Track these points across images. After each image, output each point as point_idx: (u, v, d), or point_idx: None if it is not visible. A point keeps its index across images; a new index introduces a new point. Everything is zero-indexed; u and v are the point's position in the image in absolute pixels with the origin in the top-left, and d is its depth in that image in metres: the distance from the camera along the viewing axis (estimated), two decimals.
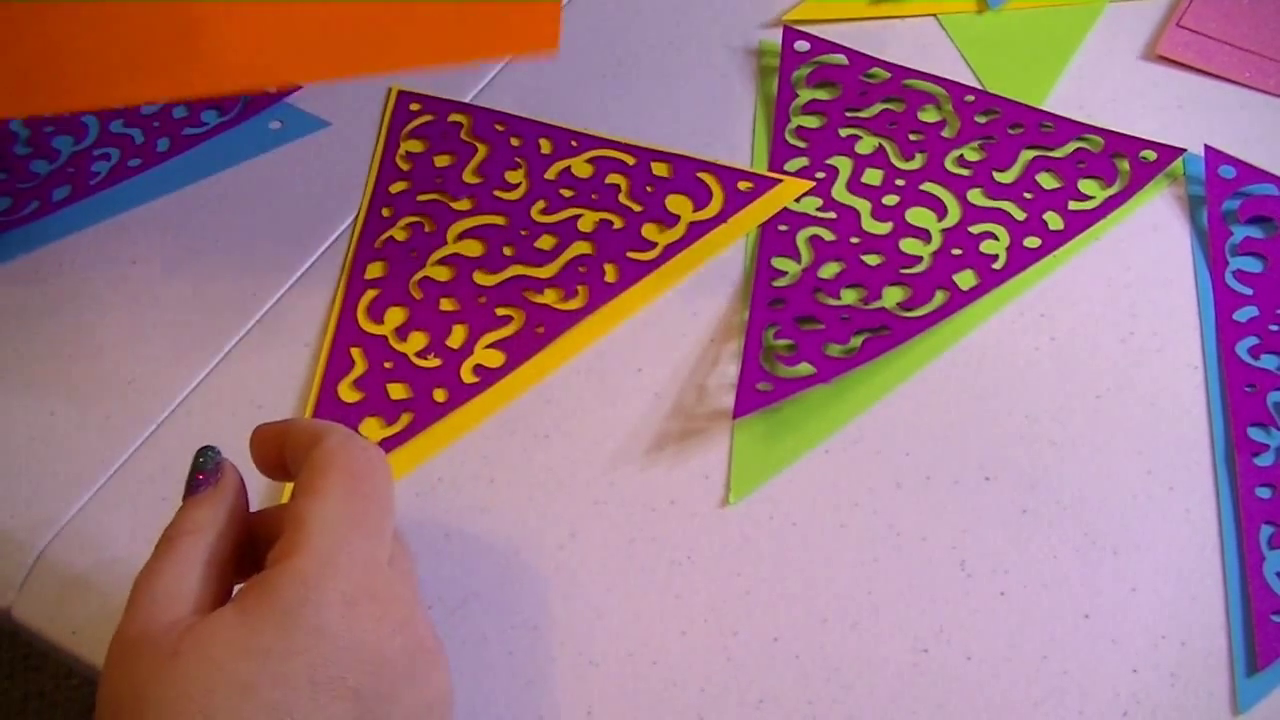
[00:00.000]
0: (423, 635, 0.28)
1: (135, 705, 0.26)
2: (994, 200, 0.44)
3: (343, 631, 0.27)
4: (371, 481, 0.29)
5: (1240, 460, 0.38)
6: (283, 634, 0.26)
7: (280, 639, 0.26)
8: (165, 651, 0.26)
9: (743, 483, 0.38)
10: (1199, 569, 0.36)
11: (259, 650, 0.26)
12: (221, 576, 0.30)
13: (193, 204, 0.47)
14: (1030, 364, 0.40)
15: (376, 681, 0.27)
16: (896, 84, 0.48)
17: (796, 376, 0.39)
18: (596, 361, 0.42)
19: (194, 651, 0.26)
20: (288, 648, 0.26)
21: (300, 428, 0.31)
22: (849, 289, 0.42)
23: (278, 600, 0.26)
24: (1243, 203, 0.44)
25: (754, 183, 0.45)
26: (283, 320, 0.44)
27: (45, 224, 0.47)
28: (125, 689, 0.26)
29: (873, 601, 0.36)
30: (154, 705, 0.25)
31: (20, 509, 0.39)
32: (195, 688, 0.25)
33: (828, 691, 0.34)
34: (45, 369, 0.43)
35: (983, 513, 0.37)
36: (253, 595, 0.27)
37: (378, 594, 0.28)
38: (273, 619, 0.26)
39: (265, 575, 0.27)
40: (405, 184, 0.47)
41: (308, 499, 0.28)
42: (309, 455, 0.30)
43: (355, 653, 0.27)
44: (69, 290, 0.45)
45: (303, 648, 0.26)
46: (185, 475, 0.31)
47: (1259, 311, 0.41)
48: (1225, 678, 0.34)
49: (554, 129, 0.48)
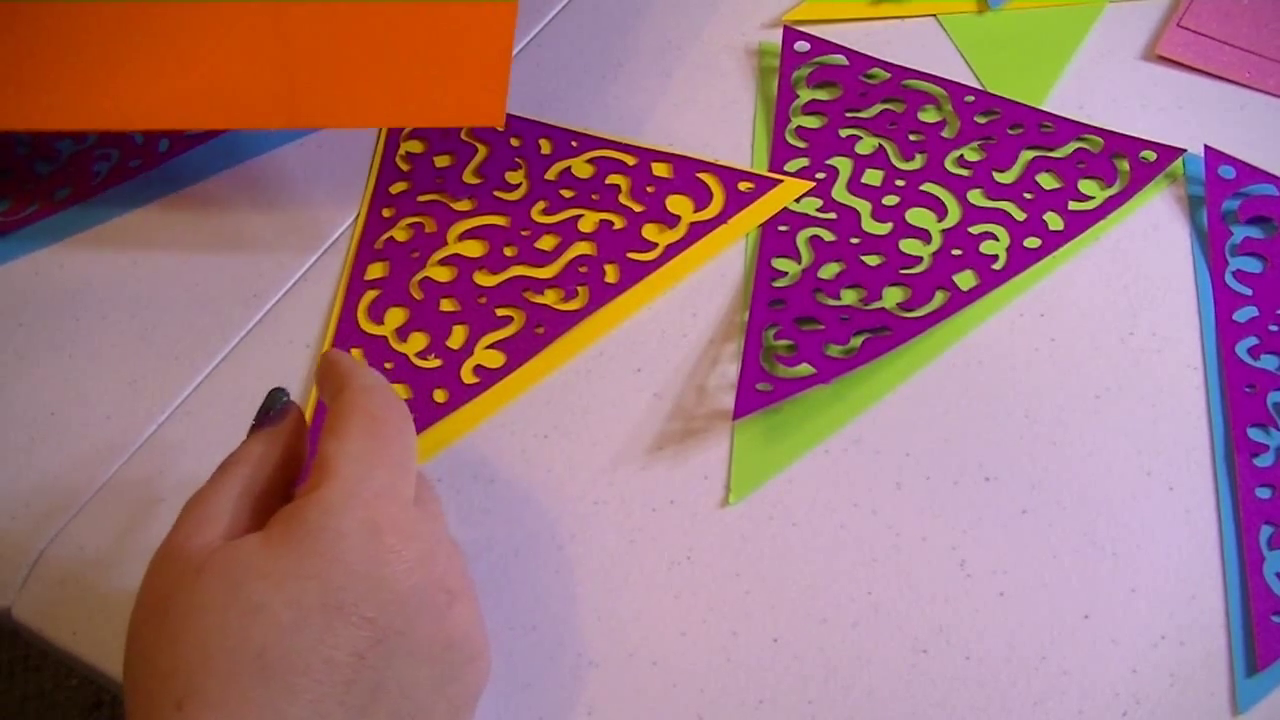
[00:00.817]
0: (443, 573, 0.29)
1: (158, 612, 0.28)
2: (994, 200, 0.44)
3: (358, 560, 0.27)
4: (393, 423, 0.31)
5: (1240, 460, 0.38)
6: (299, 558, 0.27)
7: (296, 563, 0.27)
8: (192, 567, 0.28)
9: (743, 483, 0.38)
10: (1199, 569, 0.36)
11: (275, 572, 0.27)
12: (262, 508, 0.31)
13: (193, 204, 0.47)
14: (1030, 364, 0.40)
15: (388, 612, 0.28)
16: (896, 84, 0.48)
17: (796, 377, 0.39)
18: (596, 361, 0.42)
19: (215, 569, 0.28)
20: (302, 570, 0.27)
21: (331, 369, 0.33)
22: (849, 289, 0.42)
23: (299, 526, 0.28)
24: (1242, 203, 0.44)
25: (754, 183, 0.45)
26: (283, 320, 0.44)
27: (46, 224, 0.47)
28: (152, 596, 0.28)
29: (872, 601, 0.36)
30: (174, 614, 0.27)
31: (20, 509, 0.39)
32: (212, 603, 0.27)
33: (827, 692, 0.34)
34: (45, 369, 0.43)
35: (983, 513, 0.37)
36: (278, 523, 0.28)
37: (399, 526, 0.28)
38: (291, 543, 0.28)
39: (291, 505, 0.29)
40: (405, 184, 0.47)
41: (332, 439, 0.30)
42: (335, 400, 0.31)
43: (369, 581, 0.27)
44: (69, 290, 0.45)
45: (316, 572, 0.27)
46: (185, 475, 0.31)
47: (1259, 312, 0.41)
48: (1225, 678, 0.34)
49: (554, 129, 0.48)
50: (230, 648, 0.26)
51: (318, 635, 0.26)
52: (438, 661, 0.28)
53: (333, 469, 0.29)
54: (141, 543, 0.38)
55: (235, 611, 0.27)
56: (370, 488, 0.29)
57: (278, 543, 0.28)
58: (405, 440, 0.31)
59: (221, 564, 0.28)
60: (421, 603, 0.28)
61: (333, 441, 0.30)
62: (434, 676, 0.28)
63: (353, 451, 0.29)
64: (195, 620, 0.27)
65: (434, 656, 0.28)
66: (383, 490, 0.29)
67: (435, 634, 0.28)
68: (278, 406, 0.33)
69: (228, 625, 0.26)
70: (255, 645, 0.26)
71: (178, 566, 0.28)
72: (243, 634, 0.26)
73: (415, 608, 0.28)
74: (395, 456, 0.30)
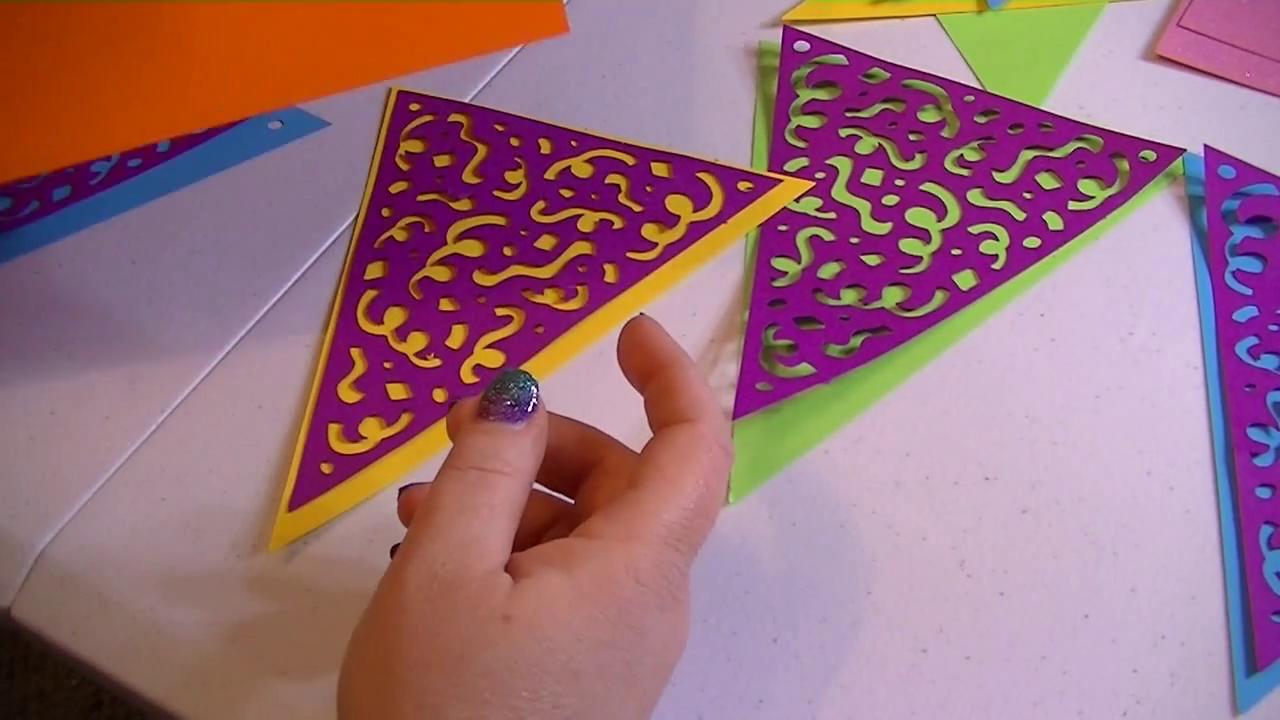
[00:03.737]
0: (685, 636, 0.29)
1: (458, 660, 0.25)
2: (994, 200, 0.44)
3: (654, 632, 0.27)
4: (718, 494, 0.29)
5: (1240, 460, 0.38)
6: (614, 629, 0.26)
7: (611, 632, 0.26)
8: (496, 613, 0.25)
9: (742, 482, 0.38)
10: (1199, 569, 0.36)
11: (591, 640, 0.26)
12: (517, 525, 0.28)
13: (193, 204, 0.47)
14: (1030, 364, 0.40)
15: (660, 681, 0.28)
16: (896, 84, 0.48)
17: (796, 377, 0.39)
18: (596, 361, 0.42)
19: (527, 622, 0.25)
20: (614, 641, 0.26)
21: (684, 385, 0.30)
22: (849, 289, 0.42)
23: (615, 592, 0.26)
24: (1242, 203, 0.44)
25: (754, 183, 0.45)
26: (283, 320, 0.44)
27: (45, 224, 0.47)
28: (445, 639, 0.25)
29: (872, 601, 0.36)
30: (480, 668, 0.25)
31: (20, 509, 0.39)
32: (526, 663, 0.25)
33: (827, 692, 0.34)
34: (45, 369, 0.43)
35: (983, 513, 0.37)
36: (588, 574, 0.26)
37: (680, 604, 0.28)
38: (608, 610, 0.26)
39: (600, 551, 0.27)
40: (405, 184, 0.47)
41: (661, 483, 0.28)
42: (680, 423, 0.29)
43: (657, 655, 0.27)
44: (69, 290, 0.45)
45: (627, 645, 0.26)
46: (184, 476, 0.31)
47: (1259, 311, 0.41)
48: (1225, 678, 0.34)
49: (554, 129, 0.48)
50: (543, 712, 0.25)
51: (619, 704, 0.26)
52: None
53: (649, 525, 0.27)
54: (142, 542, 0.38)
55: (553, 677, 0.25)
56: (673, 562, 0.27)
57: (590, 602, 0.26)
58: (713, 515, 0.28)
59: (533, 615, 0.25)
60: (672, 662, 0.28)
61: (660, 484, 0.28)
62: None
63: (673, 517, 0.27)
64: (507, 680, 0.25)
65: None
66: (681, 568, 0.28)
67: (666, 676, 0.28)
68: (527, 399, 0.29)
69: (542, 690, 0.25)
70: (566, 715, 0.25)
71: (471, 606, 0.25)
72: (555, 701, 0.25)
73: (669, 666, 0.28)
74: (701, 534, 0.28)
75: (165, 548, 0.38)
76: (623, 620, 0.26)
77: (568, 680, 0.25)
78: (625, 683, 0.26)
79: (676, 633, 0.28)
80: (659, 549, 0.27)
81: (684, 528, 0.28)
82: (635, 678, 0.26)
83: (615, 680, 0.26)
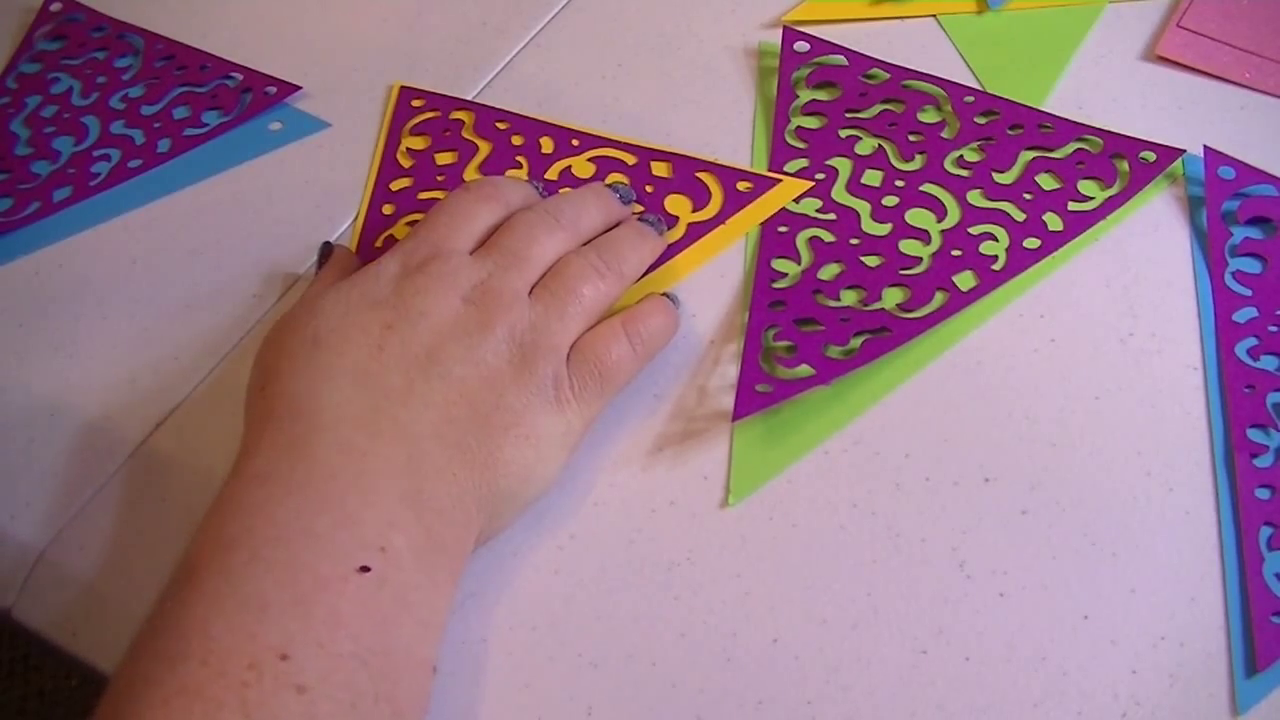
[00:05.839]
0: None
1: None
2: (993, 201, 0.44)
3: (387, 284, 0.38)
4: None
5: (1240, 461, 0.38)
6: (351, 283, 0.38)
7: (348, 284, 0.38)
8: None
9: (742, 484, 0.38)
10: (1198, 570, 0.36)
11: (334, 289, 0.38)
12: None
13: (193, 205, 0.47)
14: (1030, 365, 0.40)
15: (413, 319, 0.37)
16: (896, 85, 0.48)
17: (796, 378, 0.39)
18: None
19: (302, 304, 0.38)
20: (350, 283, 0.38)
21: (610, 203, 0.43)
22: (849, 290, 0.42)
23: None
24: (1242, 203, 0.44)
25: (753, 183, 0.45)
26: None
27: (46, 225, 0.47)
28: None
29: (872, 602, 0.36)
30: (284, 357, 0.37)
31: (20, 509, 0.39)
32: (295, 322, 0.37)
33: (827, 692, 0.34)
34: (45, 369, 0.43)
35: (982, 514, 0.37)
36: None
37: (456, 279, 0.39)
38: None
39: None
40: (407, 181, 0.47)
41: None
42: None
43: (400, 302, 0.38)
44: (69, 291, 0.45)
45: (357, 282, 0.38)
46: (185, 476, 0.31)
47: (1258, 312, 0.41)
48: (1225, 679, 0.34)
49: (555, 128, 0.48)
50: (298, 339, 0.36)
51: (355, 319, 0.36)
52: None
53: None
54: (142, 542, 0.38)
55: (304, 317, 0.36)
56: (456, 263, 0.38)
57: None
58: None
59: (307, 298, 0.38)
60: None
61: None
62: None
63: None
64: (281, 338, 0.37)
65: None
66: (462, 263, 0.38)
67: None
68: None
69: (296, 322, 0.36)
70: (309, 333, 0.36)
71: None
72: (305, 328, 0.36)
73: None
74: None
75: (166, 548, 0.38)
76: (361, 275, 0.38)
77: (310, 314, 0.37)
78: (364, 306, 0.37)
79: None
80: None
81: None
82: (379, 302, 0.37)
83: (354, 306, 0.37)
